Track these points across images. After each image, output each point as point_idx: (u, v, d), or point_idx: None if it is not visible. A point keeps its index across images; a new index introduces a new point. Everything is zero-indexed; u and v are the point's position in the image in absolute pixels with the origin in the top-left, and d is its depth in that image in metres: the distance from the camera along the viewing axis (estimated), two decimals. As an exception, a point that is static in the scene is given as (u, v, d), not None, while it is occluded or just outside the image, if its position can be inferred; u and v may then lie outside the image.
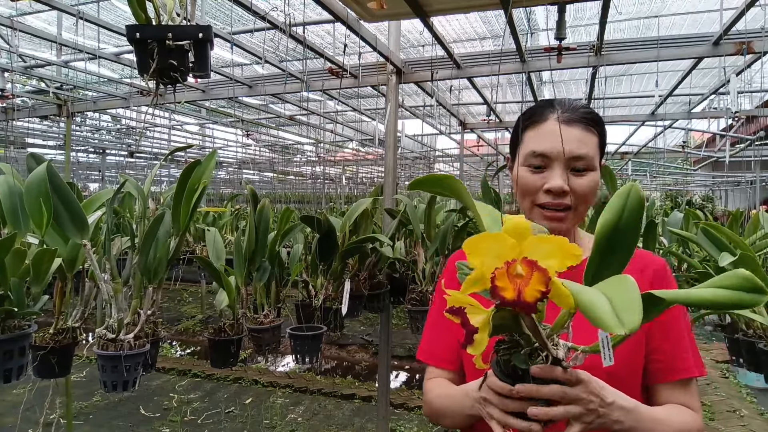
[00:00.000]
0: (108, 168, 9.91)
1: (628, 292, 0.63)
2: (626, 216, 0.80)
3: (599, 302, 0.63)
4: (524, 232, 0.68)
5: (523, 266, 0.65)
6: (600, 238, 0.80)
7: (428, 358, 1.18)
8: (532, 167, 1.04)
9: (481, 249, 0.68)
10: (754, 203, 7.89)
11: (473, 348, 0.71)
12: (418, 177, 0.82)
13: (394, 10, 1.93)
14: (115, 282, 1.76)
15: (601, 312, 0.61)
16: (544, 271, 0.64)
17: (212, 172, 1.86)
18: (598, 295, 0.65)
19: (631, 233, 0.80)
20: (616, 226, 0.80)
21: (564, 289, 0.65)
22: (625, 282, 0.66)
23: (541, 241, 0.67)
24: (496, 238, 0.68)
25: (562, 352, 0.76)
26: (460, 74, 3.04)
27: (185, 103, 4.58)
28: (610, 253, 0.80)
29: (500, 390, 0.79)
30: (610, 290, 0.66)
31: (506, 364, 0.78)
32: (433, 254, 2.62)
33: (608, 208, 0.81)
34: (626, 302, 0.62)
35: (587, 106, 1.09)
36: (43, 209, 1.54)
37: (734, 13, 2.35)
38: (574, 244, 0.66)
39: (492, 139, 6.81)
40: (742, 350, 2.10)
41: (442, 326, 1.17)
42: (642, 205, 0.80)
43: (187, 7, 1.23)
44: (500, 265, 0.65)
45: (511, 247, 0.67)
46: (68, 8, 2.49)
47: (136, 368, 1.73)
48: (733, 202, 13.55)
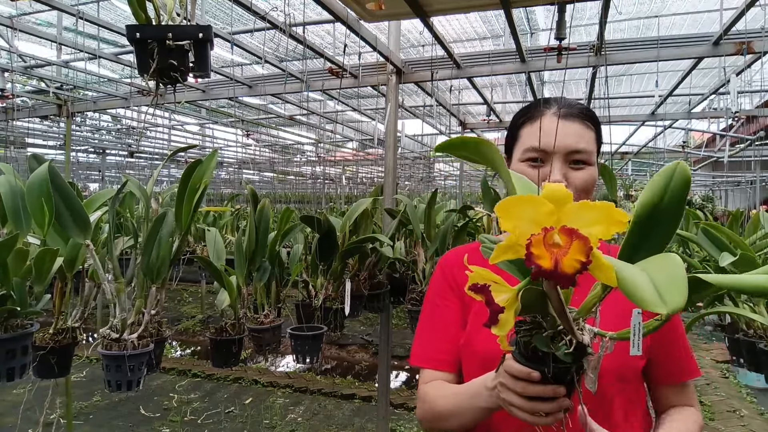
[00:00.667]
0: (108, 168, 9.91)
1: (674, 270, 0.58)
2: (669, 196, 0.72)
3: (641, 279, 0.57)
4: (564, 198, 0.61)
5: (562, 235, 0.58)
6: (638, 219, 0.73)
7: (423, 361, 1.13)
8: (530, 163, 1.03)
9: (515, 212, 0.62)
10: (754, 203, 7.89)
11: (498, 328, 0.67)
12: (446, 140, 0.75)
13: (394, 10, 1.93)
14: (118, 282, 1.76)
15: (642, 289, 0.56)
16: (585, 240, 0.57)
17: (213, 172, 1.86)
18: (640, 272, 0.59)
19: (673, 216, 0.72)
20: (657, 205, 0.72)
21: (605, 262, 0.59)
22: (670, 260, 0.60)
23: (583, 207, 0.61)
24: (532, 201, 0.61)
25: (587, 337, 0.71)
26: (460, 74, 3.05)
27: (185, 103, 4.58)
28: (647, 237, 0.73)
29: (518, 373, 0.74)
30: (654, 268, 0.60)
31: (526, 346, 0.74)
32: (433, 254, 2.62)
33: (650, 186, 0.74)
34: (671, 280, 0.56)
35: (581, 102, 1.10)
36: (44, 209, 1.55)
37: (734, 13, 2.35)
38: (619, 209, 0.60)
39: (492, 139, 6.81)
40: (742, 350, 2.10)
41: (436, 328, 1.14)
42: (688, 186, 0.72)
43: (187, 7, 1.24)
44: (537, 231, 0.59)
45: (548, 213, 0.61)
46: (68, 8, 2.49)
47: (140, 368, 1.74)
48: (733, 202, 13.56)
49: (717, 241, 2.09)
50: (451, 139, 0.74)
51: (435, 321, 1.14)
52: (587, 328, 0.73)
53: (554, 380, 0.72)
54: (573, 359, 0.70)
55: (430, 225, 2.66)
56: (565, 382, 0.73)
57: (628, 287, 0.57)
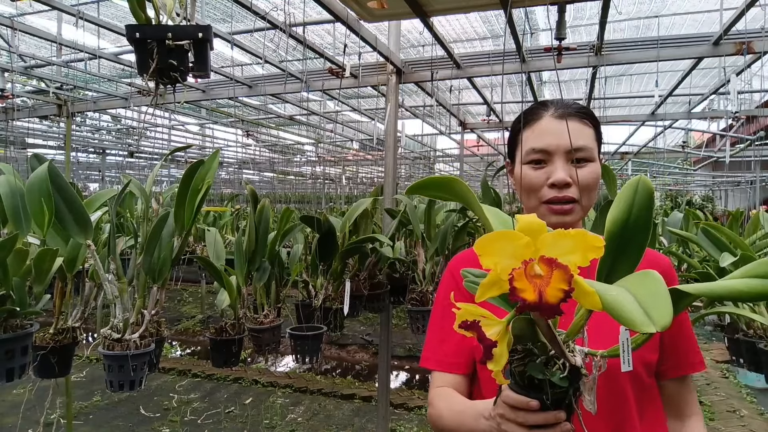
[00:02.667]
0: (108, 168, 9.91)
1: (655, 287, 0.59)
2: (636, 212, 0.76)
3: (626, 300, 0.58)
4: (539, 229, 0.63)
5: (542, 265, 0.60)
6: (610, 236, 0.76)
7: (434, 364, 1.13)
8: (533, 164, 1.05)
9: (494, 249, 0.63)
10: (754, 203, 7.89)
11: (494, 363, 0.67)
12: (417, 181, 0.77)
13: (394, 10, 1.93)
14: (120, 282, 1.76)
15: (628, 311, 0.57)
16: (565, 269, 0.59)
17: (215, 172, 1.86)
18: (623, 292, 0.60)
19: (642, 229, 0.75)
20: (626, 223, 0.76)
21: (588, 287, 0.60)
22: (650, 277, 0.61)
23: (558, 236, 0.62)
24: (509, 236, 0.63)
25: (579, 358, 0.72)
26: (460, 74, 3.05)
27: (185, 103, 4.58)
28: (621, 252, 0.76)
29: (517, 403, 0.74)
30: (635, 286, 0.61)
31: (522, 375, 0.74)
32: (433, 254, 2.62)
33: (616, 203, 0.77)
34: (654, 298, 0.57)
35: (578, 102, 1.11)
36: (44, 209, 1.55)
37: (734, 13, 2.35)
38: (595, 235, 0.62)
39: (492, 139, 6.82)
40: (742, 350, 2.10)
41: (446, 329, 1.13)
42: (651, 198, 0.75)
43: (187, 7, 1.24)
44: (517, 266, 0.60)
45: (526, 246, 0.62)
46: (68, 8, 2.49)
47: (142, 367, 1.74)
48: (733, 202, 13.56)
49: (717, 241, 2.09)
50: (420, 180, 0.76)
51: (445, 324, 1.14)
52: (577, 350, 0.73)
53: (553, 406, 0.72)
54: (569, 382, 0.71)
55: (430, 225, 2.66)
56: (563, 406, 0.73)
57: (615, 311, 0.58)
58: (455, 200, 0.77)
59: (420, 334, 2.43)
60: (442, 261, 2.60)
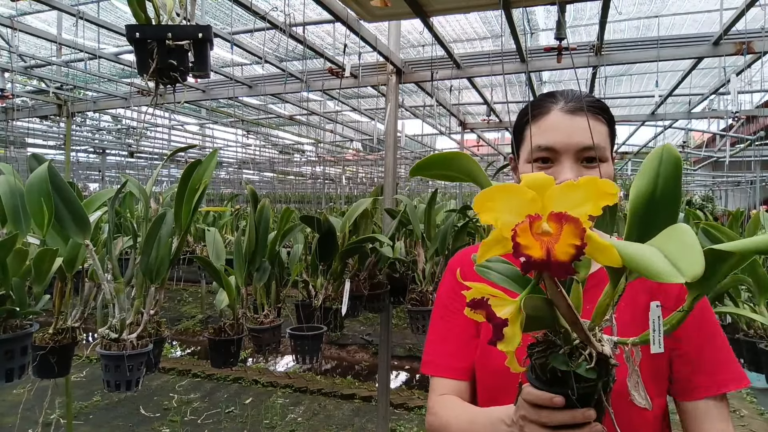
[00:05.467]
0: (108, 168, 9.91)
1: (685, 238, 0.51)
2: (662, 183, 0.67)
3: (649, 252, 0.51)
4: (545, 184, 0.56)
5: (551, 222, 0.53)
6: (634, 211, 0.67)
7: (435, 369, 1.04)
8: (539, 162, 0.95)
9: (495, 204, 0.56)
10: (754, 203, 7.89)
11: (505, 343, 0.60)
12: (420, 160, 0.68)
13: (394, 9, 1.92)
14: (117, 282, 1.76)
15: (652, 261, 0.49)
16: (576, 222, 0.51)
17: (213, 172, 1.86)
18: (645, 246, 0.53)
19: (670, 202, 0.66)
20: (652, 195, 0.67)
21: (603, 241, 0.53)
22: (678, 230, 0.54)
23: (567, 188, 0.55)
24: (512, 189, 0.56)
25: (608, 347, 0.64)
26: (460, 74, 3.05)
27: (185, 103, 4.58)
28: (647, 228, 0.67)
29: (540, 400, 0.65)
30: (661, 241, 0.54)
31: (543, 368, 0.66)
32: (433, 254, 2.62)
33: (640, 175, 0.69)
34: (683, 248, 0.50)
35: (591, 95, 1.00)
36: (44, 209, 1.54)
37: (734, 13, 2.35)
38: (606, 180, 0.55)
39: (492, 139, 6.81)
40: (742, 350, 2.10)
41: (447, 333, 1.06)
42: (679, 167, 0.67)
43: (187, 6, 1.23)
44: (521, 221, 0.54)
45: (531, 200, 0.55)
46: (68, 8, 2.49)
47: (139, 368, 1.73)
48: (733, 202, 13.55)
49: (717, 241, 2.08)
50: (424, 159, 0.68)
51: (446, 326, 1.07)
52: (605, 338, 0.65)
53: (580, 403, 0.64)
54: (597, 375, 0.63)
55: (430, 225, 2.66)
56: (592, 404, 0.65)
57: (635, 262, 0.51)
58: (462, 178, 0.68)
59: (420, 334, 2.43)
60: (442, 261, 2.60)
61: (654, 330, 0.65)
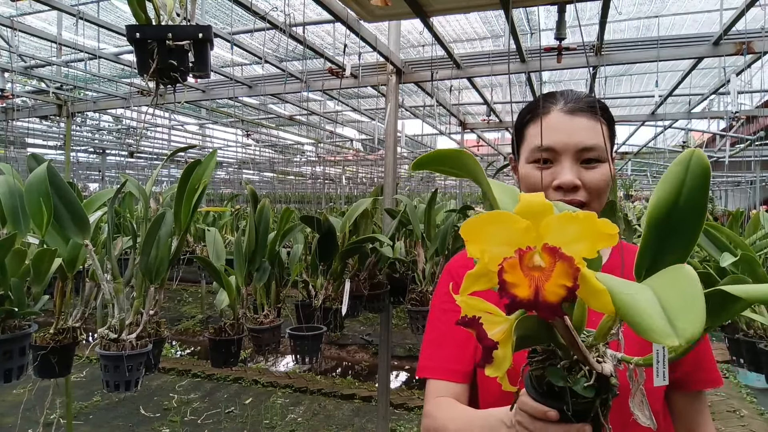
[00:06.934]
0: (108, 168, 9.90)
1: (686, 288, 0.46)
2: (687, 192, 0.61)
3: (646, 303, 0.46)
4: (542, 211, 0.51)
5: (544, 255, 0.48)
6: (653, 223, 0.62)
7: (432, 372, 1.01)
8: (538, 163, 0.95)
9: (484, 234, 0.52)
10: (754, 203, 7.89)
11: (493, 368, 0.57)
12: (422, 155, 0.66)
13: (394, 9, 1.92)
14: (116, 282, 1.76)
15: (646, 316, 0.45)
16: (570, 261, 0.47)
17: (212, 172, 1.86)
18: (645, 292, 0.48)
19: (695, 215, 0.60)
20: (674, 206, 0.61)
21: (597, 284, 0.49)
22: (683, 274, 0.49)
23: (565, 220, 0.50)
24: (503, 218, 0.52)
25: (609, 365, 0.60)
26: (460, 74, 3.04)
27: (185, 103, 4.58)
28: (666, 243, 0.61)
29: (534, 412, 0.63)
30: (662, 285, 0.49)
31: (540, 380, 0.63)
32: (433, 254, 2.62)
33: (662, 183, 0.63)
34: (683, 301, 0.45)
35: (591, 95, 1.01)
36: (43, 209, 1.54)
37: (734, 13, 2.35)
38: (605, 219, 0.50)
39: (492, 139, 6.81)
40: (742, 350, 2.11)
41: (445, 335, 1.04)
42: (707, 177, 0.61)
43: (187, 7, 1.23)
44: (510, 255, 0.49)
45: (524, 231, 0.51)
46: (68, 8, 2.49)
47: (138, 368, 1.73)
48: (733, 202, 13.55)
49: (717, 241, 2.08)
50: (427, 154, 0.65)
51: (444, 328, 1.05)
52: (609, 354, 0.61)
53: (576, 418, 0.61)
54: (596, 393, 0.59)
55: (430, 225, 2.66)
56: (588, 419, 0.63)
57: (629, 314, 0.46)
58: (463, 175, 0.66)
59: (420, 334, 2.43)
60: (442, 261, 2.60)
61: (657, 361, 0.62)
